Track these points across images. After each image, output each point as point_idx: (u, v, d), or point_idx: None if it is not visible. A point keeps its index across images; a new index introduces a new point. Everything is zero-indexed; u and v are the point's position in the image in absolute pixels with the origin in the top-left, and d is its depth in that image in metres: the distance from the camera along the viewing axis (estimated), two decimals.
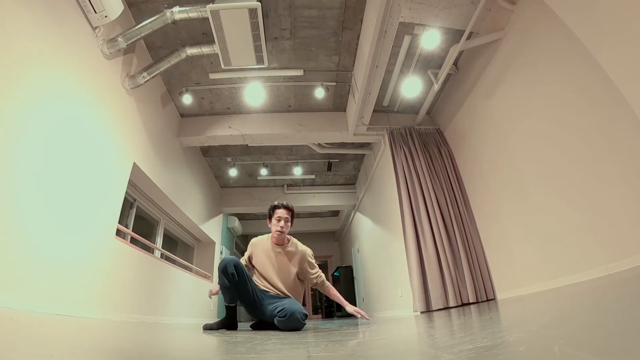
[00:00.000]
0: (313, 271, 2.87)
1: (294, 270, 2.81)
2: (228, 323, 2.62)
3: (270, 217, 2.87)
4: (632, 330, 0.66)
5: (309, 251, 2.94)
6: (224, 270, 2.52)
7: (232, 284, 2.54)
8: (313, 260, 2.93)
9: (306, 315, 2.45)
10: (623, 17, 2.04)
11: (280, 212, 2.82)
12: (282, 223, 2.78)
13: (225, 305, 2.67)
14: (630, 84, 2.09)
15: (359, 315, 2.78)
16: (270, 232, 2.89)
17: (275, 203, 2.90)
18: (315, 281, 2.88)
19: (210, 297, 3.26)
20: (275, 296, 2.71)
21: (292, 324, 2.33)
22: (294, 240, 2.95)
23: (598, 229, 2.56)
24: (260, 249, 2.87)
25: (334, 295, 2.97)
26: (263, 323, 2.75)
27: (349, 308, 2.85)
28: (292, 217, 2.90)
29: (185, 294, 5.38)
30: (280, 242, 2.85)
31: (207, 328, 2.56)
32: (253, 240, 2.96)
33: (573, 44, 2.60)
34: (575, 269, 2.76)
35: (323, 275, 2.94)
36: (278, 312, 2.39)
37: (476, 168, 4.26)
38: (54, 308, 2.41)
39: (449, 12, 3.60)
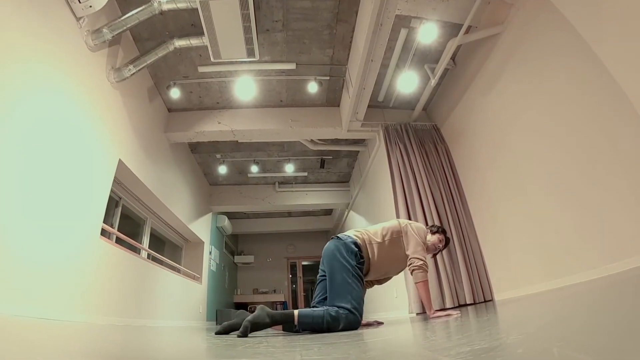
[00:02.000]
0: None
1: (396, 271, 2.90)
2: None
3: (435, 232, 2.84)
4: (632, 332, 0.67)
5: None
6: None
7: None
8: None
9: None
10: (624, 11, 2.05)
11: (444, 243, 2.86)
12: (440, 245, 2.84)
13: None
14: (631, 79, 2.11)
15: (375, 324, 2.74)
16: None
17: (447, 233, 2.96)
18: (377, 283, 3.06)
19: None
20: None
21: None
22: None
23: (597, 230, 2.59)
24: None
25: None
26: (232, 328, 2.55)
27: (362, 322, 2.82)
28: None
29: (173, 295, 5.36)
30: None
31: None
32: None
33: (573, 38, 2.63)
34: (573, 270, 2.79)
35: None
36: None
37: (473, 165, 4.29)
38: (37, 312, 2.39)
39: (447, 4, 3.61)
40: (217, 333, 2.21)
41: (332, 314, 2.17)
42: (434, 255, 2.99)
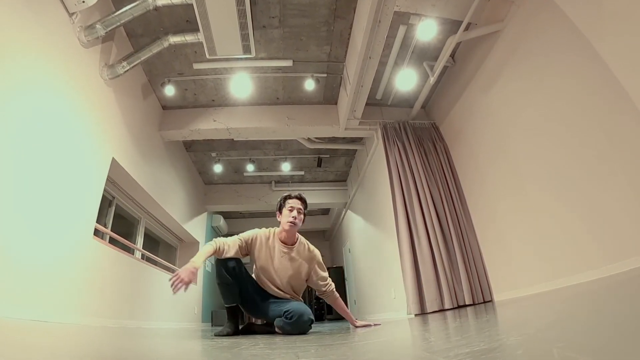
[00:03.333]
0: (323, 276, 2.69)
1: (300, 276, 2.62)
2: (234, 327, 2.47)
3: (280, 209, 2.65)
4: (633, 333, 0.68)
5: (318, 254, 2.72)
6: (223, 262, 2.42)
7: (233, 280, 2.43)
8: (323, 265, 2.75)
9: (313, 320, 2.37)
10: (626, 9, 2.06)
11: (293, 202, 2.60)
12: (294, 213, 2.56)
13: (226, 307, 2.53)
14: (633, 78, 2.13)
15: (372, 325, 2.72)
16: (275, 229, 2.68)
17: (286, 194, 2.69)
18: (323, 289, 2.70)
19: (175, 290, 2.14)
20: (277, 297, 2.57)
21: (300, 327, 2.25)
22: (303, 239, 2.72)
23: (598, 229, 2.60)
24: (264, 244, 2.58)
25: (341, 307, 2.80)
26: (252, 327, 2.70)
27: (358, 323, 2.75)
28: (305, 209, 2.67)
29: (167, 297, 5.34)
30: (290, 240, 2.62)
31: (219, 335, 2.41)
32: (257, 232, 2.62)
33: (574, 36, 2.63)
34: (574, 270, 2.80)
35: (332, 283, 2.75)
36: (285, 313, 2.29)
37: (473, 164, 4.30)
38: (28, 314, 2.38)
39: (447, 1, 3.60)
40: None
41: None
42: (303, 219, 2.66)
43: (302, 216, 2.62)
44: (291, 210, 2.58)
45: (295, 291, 2.66)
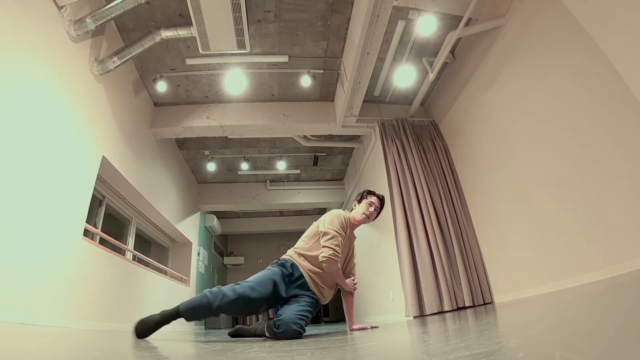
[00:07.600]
0: (353, 263, 2.88)
1: (349, 258, 2.81)
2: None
3: (360, 199, 2.83)
4: (634, 335, 0.68)
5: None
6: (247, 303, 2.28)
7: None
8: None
9: (301, 332, 2.24)
10: (631, 6, 2.07)
11: (375, 200, 2.80)
12: (372, 209, 2.75)
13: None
14: (638, 77, 2.13)
15: (369, 328, 2.71)
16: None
17: (372, 190, 2.89)
18: (353, 271, 2.94)
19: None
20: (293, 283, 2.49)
21: (287, 337, 2.18)
22: None
23: (600, 230, 2.61)
24: (348, 227, 2.70)
25: (351, 305, 2.89)
26: (241, 331, 2.67)
27: (355, 326, 2.77)
28: (381, 210, 2.86)
29: (160, 299, 5.33)
30: (355, 227, 2.81)
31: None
32: (343, 215, 2.68)
33: (578, 34, 2.64)
34: (575, 271, 2.82)
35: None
36: (275, 320, 2.27)
37: (473, 163, 4.31)
38: (16, 317, 2.37)
39: None
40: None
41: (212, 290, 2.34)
42: (375, 217, 2.84)
43: (375, 214, 2.81)
44: (370, 205, 2.77)
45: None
